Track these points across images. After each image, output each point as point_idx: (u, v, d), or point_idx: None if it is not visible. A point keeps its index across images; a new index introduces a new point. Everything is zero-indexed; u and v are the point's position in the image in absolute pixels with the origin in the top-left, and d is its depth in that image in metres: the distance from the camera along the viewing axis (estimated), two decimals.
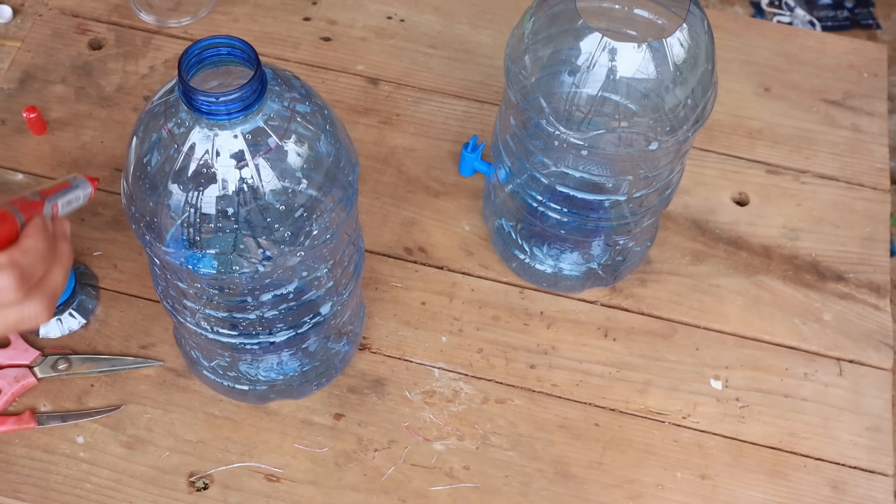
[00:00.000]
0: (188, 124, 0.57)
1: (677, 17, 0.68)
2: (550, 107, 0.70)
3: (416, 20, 1.03)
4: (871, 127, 0.98)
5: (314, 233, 0.61)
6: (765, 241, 0.91)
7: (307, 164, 0.60)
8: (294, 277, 0.65)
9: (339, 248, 0.67)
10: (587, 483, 0.79)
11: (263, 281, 0.64)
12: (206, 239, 0.59)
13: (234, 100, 0.55)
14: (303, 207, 0.60)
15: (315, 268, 0.66)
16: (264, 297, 0.66)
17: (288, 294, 0.66)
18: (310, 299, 0.69)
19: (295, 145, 0.59)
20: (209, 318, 0.68)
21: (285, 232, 0.60)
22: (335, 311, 0.72)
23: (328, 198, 0.62)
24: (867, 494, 0.79)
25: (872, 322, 0.87)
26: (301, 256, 0.62)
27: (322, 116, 0.62)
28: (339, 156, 0.62)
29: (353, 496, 0.77)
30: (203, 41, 0.57)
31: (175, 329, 0.80)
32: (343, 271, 0.70)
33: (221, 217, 0.58)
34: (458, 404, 0.81)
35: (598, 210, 0.78)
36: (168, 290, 0.68)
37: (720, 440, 0.81)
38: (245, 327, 0.69)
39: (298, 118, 0.59)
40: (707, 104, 0.71)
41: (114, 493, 0.76)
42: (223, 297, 0.66)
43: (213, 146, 0.57)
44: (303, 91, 0.61)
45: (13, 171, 0.91)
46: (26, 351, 0.80)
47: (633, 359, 0.85)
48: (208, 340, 0.71)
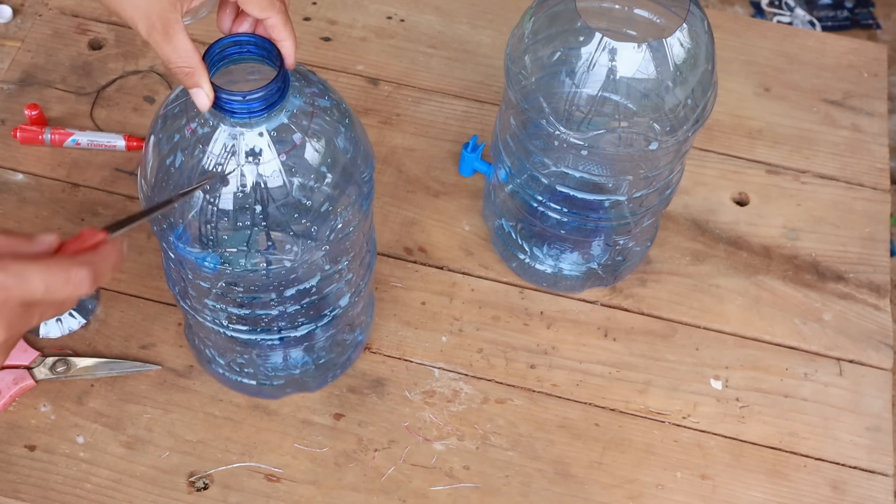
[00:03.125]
0: (212, 124, 0.57)
1: (677, 17, 0.68)
2: (550, 107, 0.70)
3: (416, 20, 1.03)
4: (871, 127, 0.98)
5: (339, 226, 0.62)
6: (765, 241, 0.91)
7: (330, 158, 0.60)
8: (317, 272, 0.66)
9: (360, 240, 0.67)
10: (587, 483, 0.79)
11: (289, 276, 0.64)
12: (233, 238, 0.59)
13: (259, 98, 0.55)
14: (328, 202, 0.60)
15: (337, 261, 0.66)
16: (288, 293, 0.66)
17: (311, 288, 0.66)
18: (331, 292, 0.69)
19: (318, 140, 0.59)
20: (231, 315, 0.68)
21: (311, 227, 0.60)
22: (353, 301, 0.72)
23: (350, 190, 0.62)
24: (867, 494, 0.79)
25: (872, 322, 0.87)
26: (326, 250, 0.62)
27: (340, 110, 0.62)
28: (359, 149, 0.63)
29: (353, 496, 0.77)
30: (224, 39, 0.57)
31: (186, 328, 0.80)
32: (360, 263, 0.70)
33: (249, 215, 0.58)
34: (458, 404, 0.81)
35: (598, 210, 0.78)
36: (187, 290, 0.68)
37: (720, 440, 0.81)
38: (267, 323, 0.69)
39: (319, 113, 0.59)
40: (707, 104, 0.71)
41: (114, 493, 0.76)
42: (247, 295, 0.66)
43: (239, 145, 0.57)
44: (321, 86, 0.62)
45: (13, 171, 0.91)
46: (26, 351, 0.80)
47: (633, 359, 0.85)
48: (227, 338, 0.71)
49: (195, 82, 0.55)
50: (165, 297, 0.84)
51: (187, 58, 0.55)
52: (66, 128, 0.92)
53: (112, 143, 0.91)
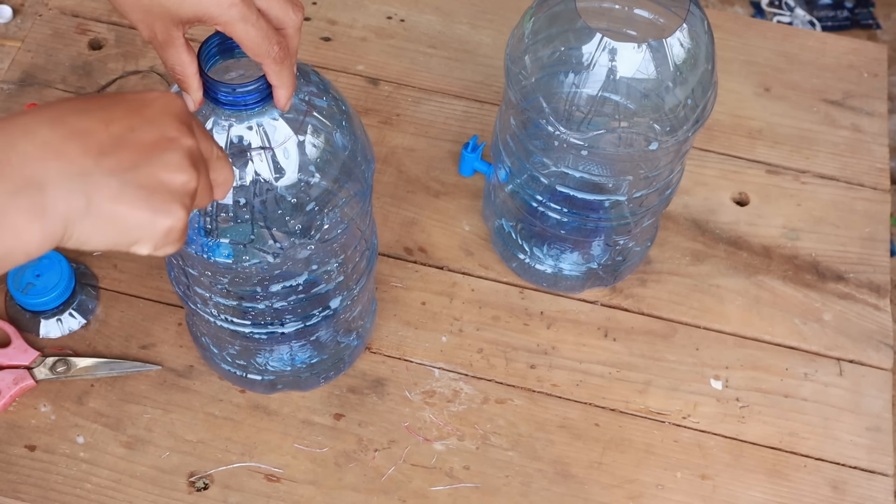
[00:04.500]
0: (205, 113, 0.58)
1: (677, 17, 0.68)
2: (550, 107, 0.70)
3: (416, 20, 1.03)
4: (871, 127, 0.98)
5: (325, 227, 0.62)
6: (765, 241, 0.91)
7: (321, 158, 0.60)
8: (304, 270, 0.66)
9: (351, 243, 0.67)
10: (587, 483, 0.79)
11: (273, 272, 0.64)
12: (219, 228, 0.60)
13: (251, 91, 0.56)
14: (315, 201, 0.60)
15: (325, 262, 0.66)
16: (274, 288, 0.66)
17: (297, 286, 0.66)
18: (319, 293, 0.69)
19: (309, 139, 0.59)
20: (219, 305, 0.69)
21: (296, 225, 0.60)
22: (345, 305, 0.72)
23: (341, 193, 0.62)
24: (867, 494, 0.79)
25: (872, 322, 0.87)
26: (311, 250, 0.62)
27: (339, 112, 0.62)
28: (354, 151, 0.62)
29: (353, 496, 0.77)
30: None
31: (187, 316, 0.81)
32: (354, 267, 0.70)
33: (233, 207, 0.59)
34: (458, 404, 0.81)
35: (598, 210, 0.78)
36: (180, 276, 0.69)
37: (720, 440, 0.81)
38: (255, 317, 0.69)
39: (315, 112, 0.60)
40: (707, 104, 0.71)
41: (114, 493, 0.76)
42: (234, 286, 0.66)
43: (227, 136, 0.57)
44: (321, 86, 0.62)
45: None
46: (26, 352, 0.80)
47: (633, 359, 0.85)
48: (218, 328, 0.71)
49: (185, 88, 0.56)
50: (165, 297, 0.84)
51: (181, 68, 0.56)
52: None
53: None
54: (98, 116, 0.45)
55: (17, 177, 0.42)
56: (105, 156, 0.44)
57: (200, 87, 0.56)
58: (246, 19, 0.52)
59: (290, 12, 0.55)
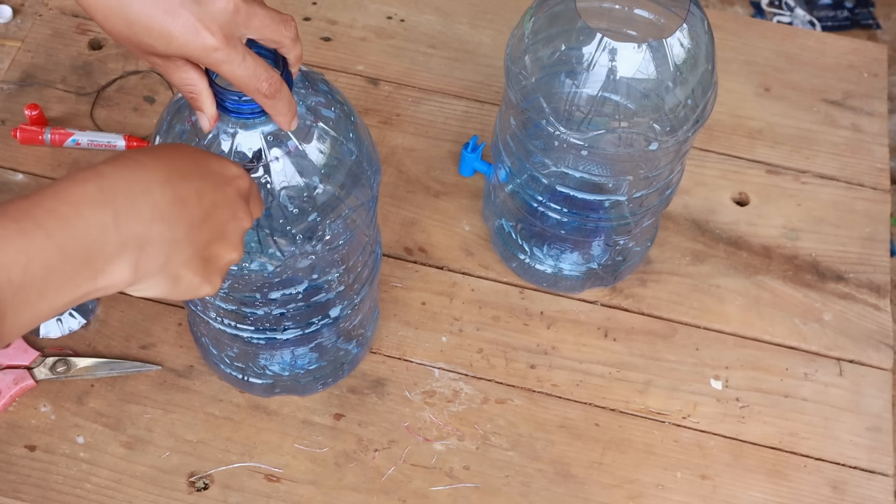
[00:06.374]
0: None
1: (677, 17, 0.68)
2: (550, 107, 0.70)
3: (416, 20, 1.03)
4: (871, 127, 0.98)
5: (327, 237, 0.62)
6: (765, 241, 0.91)
7: (325, 168, 0.60)
8: (304, 278, 0.66)
9: (354, 252, 0.67)
10: (587, 483, 0.79)
11: (272, 279, 0.64)
12: None
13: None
14: (316, 211, 0.60)
15: (327, 270, 0.66)
16: (273, 295, 0.66)
17: (297, 294, 0.66)
18: (319, 301, 0.69)
19: (314, 149, 0.59)
20: (219, 309, 0.69)
21: (297, 234, 0.60)
22: (345, 314, 0.72)
23: (344, 204, 0.62)
24: (867, 494, 0.79)
25: (872, 322, 0.87)
26: (312, 259, 0.62)
27: (346, 122, 0.62)
28: (360, 162, 0.63)
29: (353, 496, 0.77)
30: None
31: (188, 316, 0.81)
32: (356, 276, 0.70)
33: None
34: (458, 404, 0.81)
35: (598, 210, 0.78)
36: None
37: (720, 440, 0.81)
38: (253, 322, 0.69)
39: (321, 122, 0.60)
40: (707, 104, 0.71)
41: (114, 494, 0.76)
42: (234, 291, 0.66)
43: (233, 143, 0.57)
44: (329, 96, 0.62)
45: (13, 171, 0.91)
46: (26, 352, 0.80)
47: (633, 359, 0.85)
48: (218, 331, 0.71)
49: (198, 106, 0.56)
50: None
51: (191, 86, 0.56)
52: (66, 128, 0.92)
53: (112, 143, 0.91)
54: (195, 186, 0.50)
55: (130, 234, 0.46)
56: (194, 229, 0.49)
57: (214, 104, 0.56)
58: (231, 61, 0.53)
59: (282, 29, 0.56)
